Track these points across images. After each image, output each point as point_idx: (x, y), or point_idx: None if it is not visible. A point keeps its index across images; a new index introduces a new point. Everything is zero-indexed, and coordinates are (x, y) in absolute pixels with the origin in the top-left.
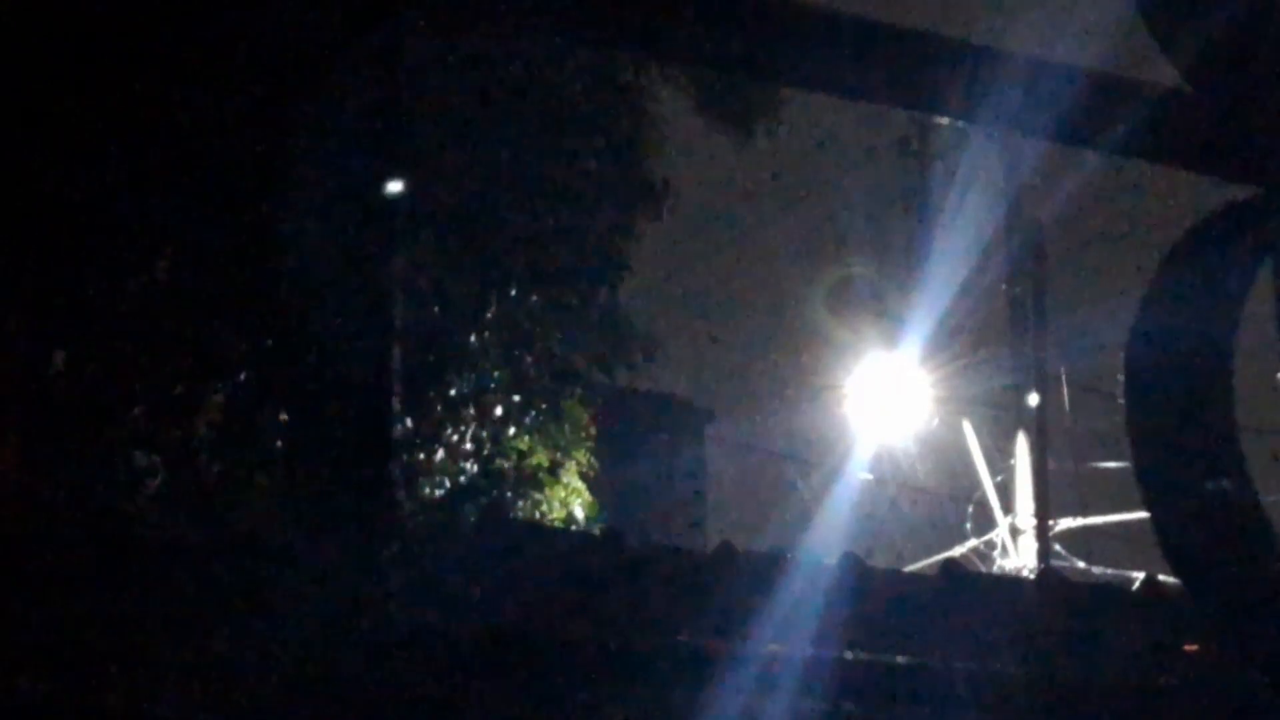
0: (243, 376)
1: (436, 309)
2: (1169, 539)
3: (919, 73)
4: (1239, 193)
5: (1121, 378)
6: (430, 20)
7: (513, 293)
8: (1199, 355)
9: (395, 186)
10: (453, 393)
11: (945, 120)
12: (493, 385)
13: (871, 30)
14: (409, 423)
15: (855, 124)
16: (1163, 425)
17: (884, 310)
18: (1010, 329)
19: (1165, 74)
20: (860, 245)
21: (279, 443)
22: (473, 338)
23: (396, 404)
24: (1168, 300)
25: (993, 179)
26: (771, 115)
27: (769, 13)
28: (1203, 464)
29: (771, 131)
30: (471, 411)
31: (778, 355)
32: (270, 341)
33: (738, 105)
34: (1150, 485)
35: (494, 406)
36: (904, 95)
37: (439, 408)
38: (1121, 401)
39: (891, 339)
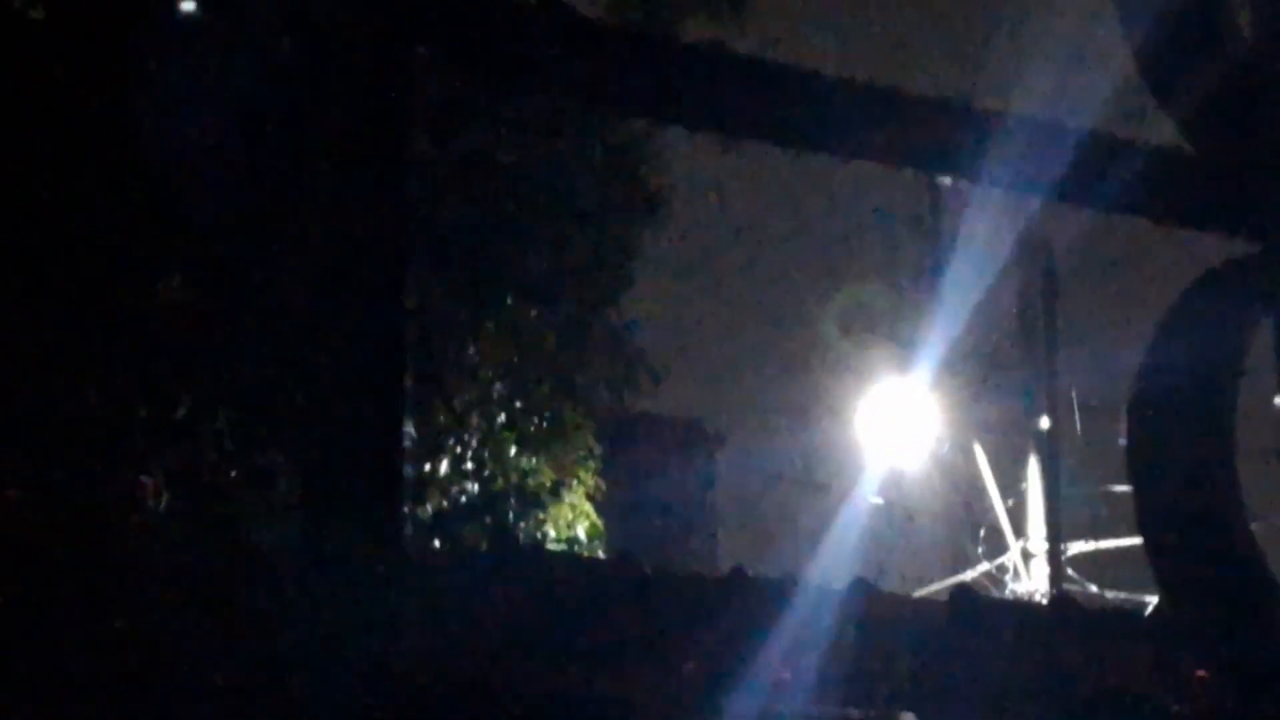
0: (246, 398)
1: (435, 319)
2: (1163, 570)
3: (926, 136)
4: (1241, 245)
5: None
6: (439, 67)
7: (508, 301)
8: (1201, 403)
9: (400, 204)
10: (455, 404)
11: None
12: (494, 396)
13: (879, 95)
14: (412, 430)
15: None
16: (1164, 466)
17: (896, 334)
18: (1022, 352)
19: (1166, 131)
20: (873, 268)
21: (283, 463)
22: (471, 349)
23: (408, 430)
24: (1171, 351)
25: (1005, 202)
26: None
27: (777, 79)
28: (1202, 508)
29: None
30: (474, 420)
31: (789, 378)
32: (275, 363)
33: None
34: (1148, 523)
35: (495, 416)
36: (911, 157)
37: (441, 417)
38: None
39: (903, 363)
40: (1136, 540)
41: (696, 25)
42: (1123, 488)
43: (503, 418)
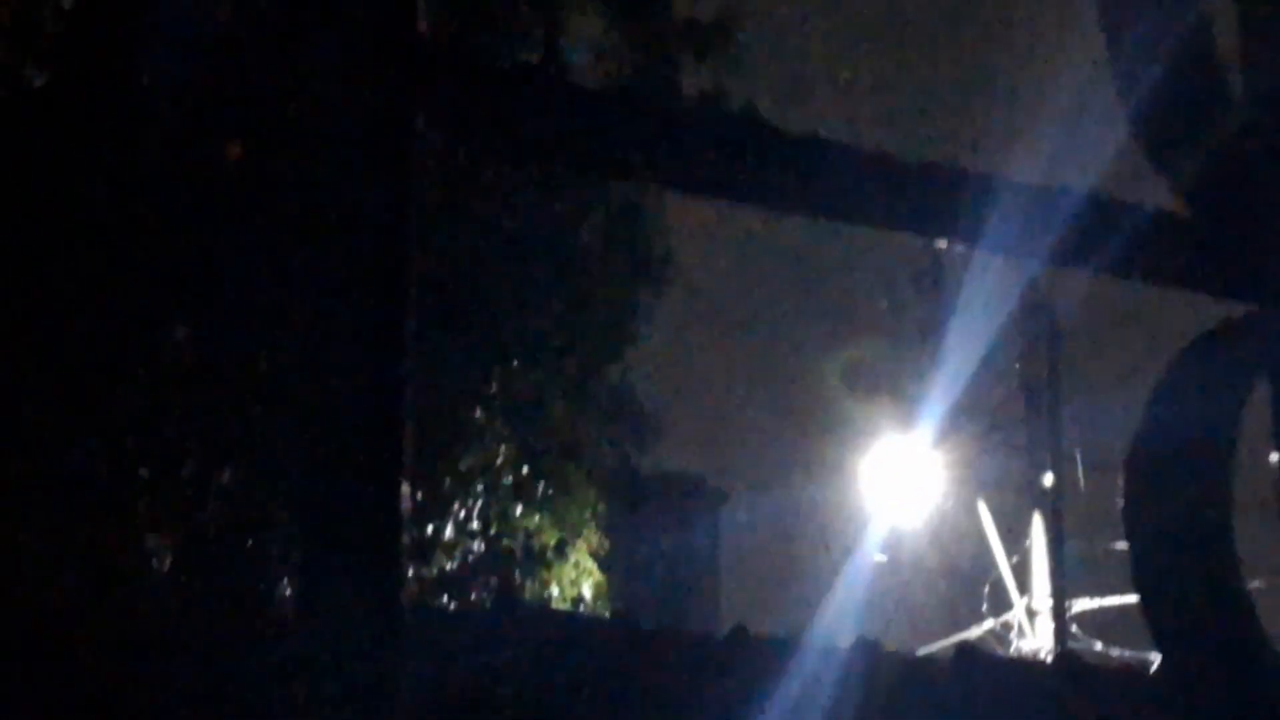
0: (251, 457)
1: (440, 383)
2: (1159, 629)
3: (924, 202)
4: (1236, 307)
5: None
6: (440, 134)
7: (515, 364)
8: (1197, 463)
9: (401, 267)
10: (461, 466)
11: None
12: (499, 460)
13: (876, 160)
14: (418, 495)
15: None
16: (1160, 525)
17: (899, 391)
18: (1025, 410)
19: (1161, 193)
20: (875, 325)
21: (287, 522)
22: (478, 412)
23: (406, 489)
24: (1168, 411)
25: (1007, 260)
26: None
27: (775, 145)
28: (1198, 567)
29: None
30: (479, 486)
31: (792, 435)
32: (277, 422)
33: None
34: (1144, 582)
35: (501, 480)
36: (909, 223)
37: (447, 481)
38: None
39: (906, 420)
40: None
41: (692, 77)
42: (1127, 544)
43: (509, 480)
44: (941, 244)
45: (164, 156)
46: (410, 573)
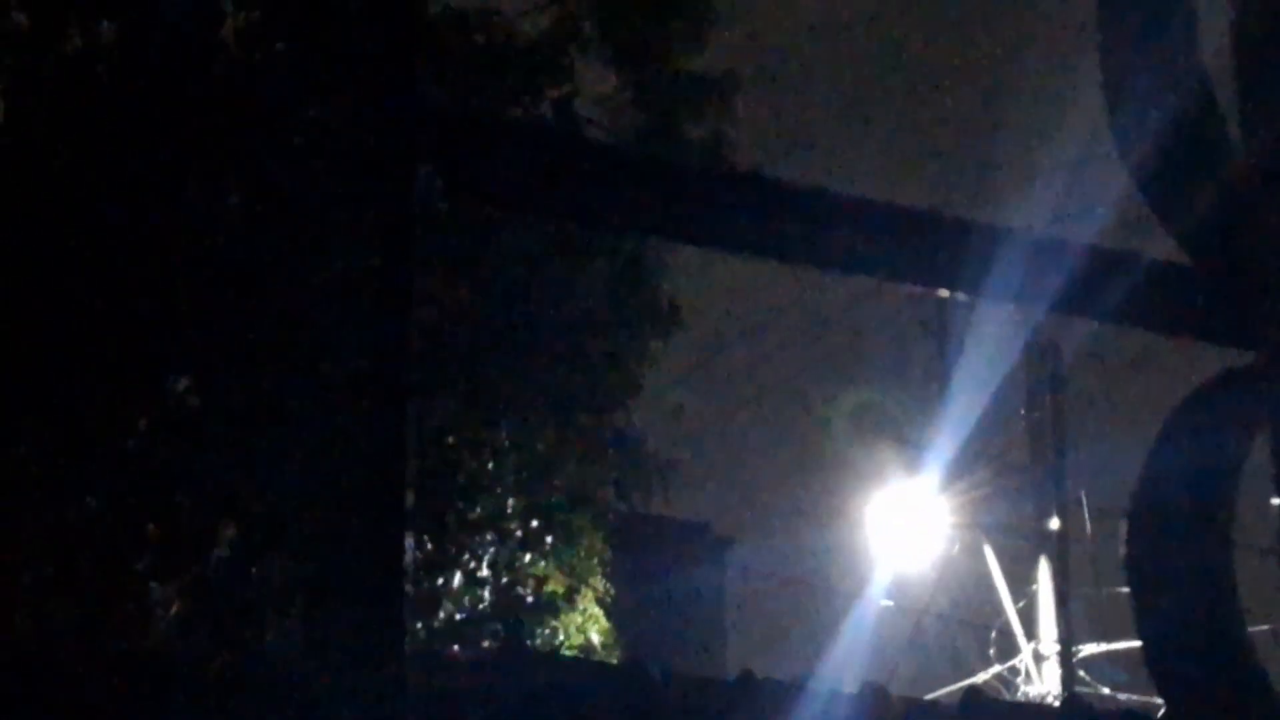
0: (254, 509)
1: (449, 437)
2: (1161, 676)
3: (928, 252)
4: (1238, 355)
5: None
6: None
7: (526, 419)
8: (1199, 509)
9: (404, 319)
10: (470, 516)
11: (949, 294)
12: (509, 511)
13: (879, 212)
14: (428, 545)
15: None
16: (1163, 572)
17: (904, 436)
18: (1030, 455)
19: (1166, 242)
20: (881, 371)
21: (291, 573)
22: (488, 463)
23: (409, 542)
24: (1170, 458)
25: (1012, 306)
26: None
27: (779, 197)
28: (1200, 613)
29: None
30: (489, 536)
31: (797, 480)
32: (280, 476)
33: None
34: (1146, 628)
35: (511, 532)
36: (912, 274)
37: (456, 532)
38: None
39: (912, 465)
40: None
41: (694, 128)
42: None
43: (518, 532)
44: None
45: (163, 206)
46: (420, 623)
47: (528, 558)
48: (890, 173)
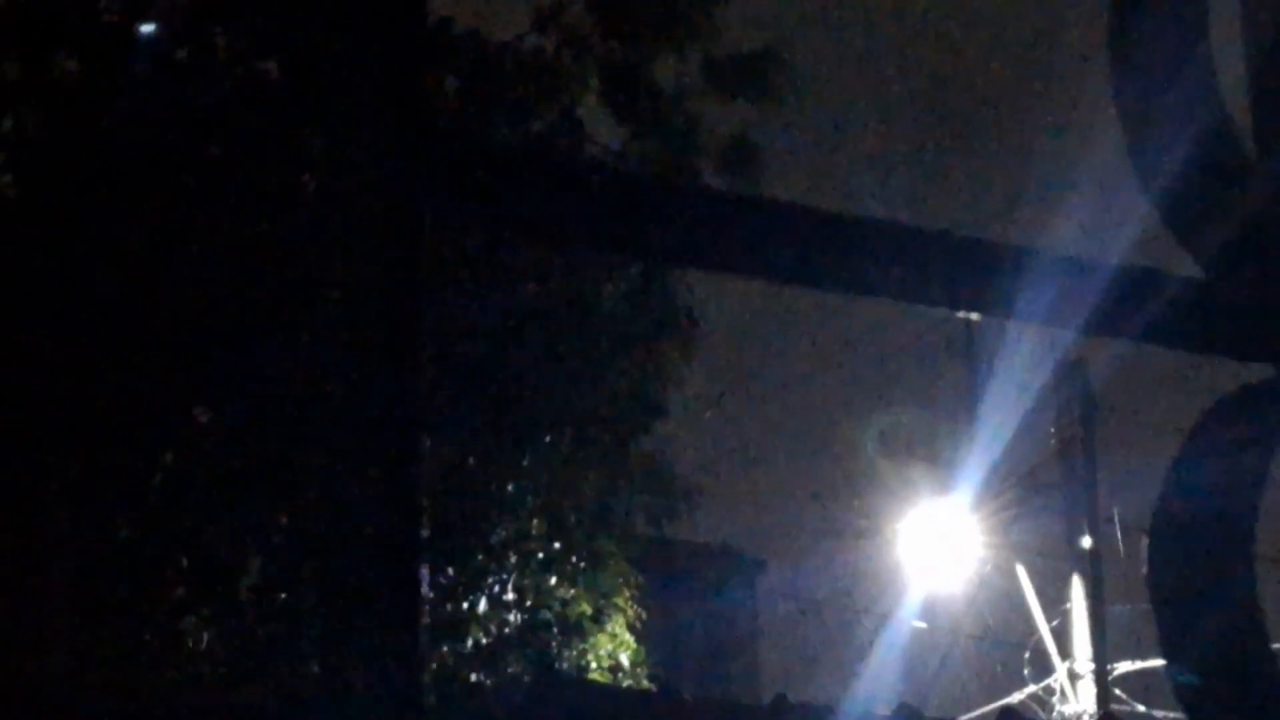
0: (279, 539)
1: (471, 459)
2: (1184, 694)
3: (959, 276)
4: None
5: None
6: (455, 215)
7: (547, 439)
8: (1221, 526)
9: (416, 357)
10: (492, 540)
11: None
12: (531, 532)
13: (911, 236)
14: (450, 570)
15: None
16: (1184, 589)
17: (935, 456)
18: (1062, 472)
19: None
20: (911, 390)
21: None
22: (510, 485)
23: (425, 572)
24: (1191, 474)
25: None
26: None
27: (805, 222)
28: (1222, 630)
29: None
30: (512, 559)
31: (828, 502)
32: (304, 507)
33: None
34: (1169, 645)
35: (535, 554)
36: (943, 298)
37: (479, 556)
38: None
39: (943, 485)
40: None
41: (714, 173)
42: None
43: (540, 554)
44: (977, 316)
45: (182, 249)
46: (445, 648)
47: (553, 581)
48: (918, 191)
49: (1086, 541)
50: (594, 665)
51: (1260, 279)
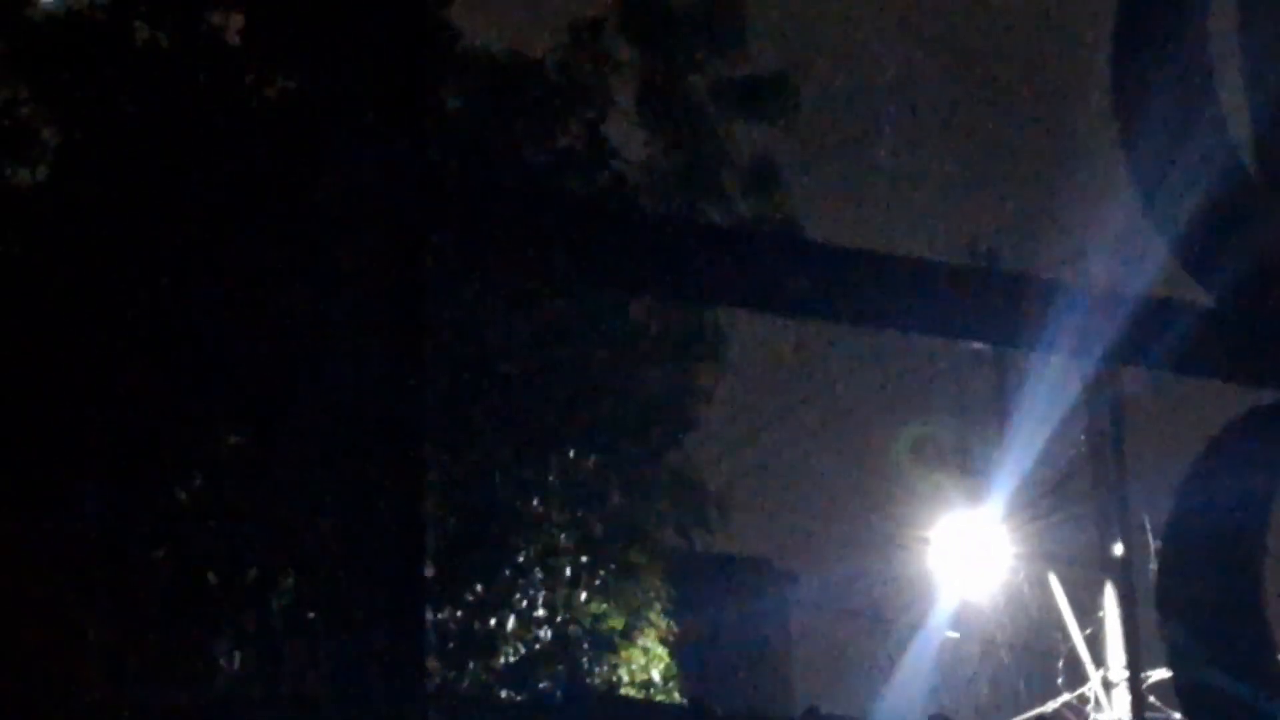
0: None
1: (497, 475)
2: (1190, 706)
3: (987, 310)
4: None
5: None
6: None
7: (571, 454)
8: (1230, 548)
9: (419, 388)
10: (520, 558)
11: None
12: (559, 548)
13: (927, 269)
14: (479, 588)
15: None
16: (1193, 609)
17: (966, 466)
18: (1093, 481)
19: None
20: (942, 400)
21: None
22: (536, 501)
23: (429, 603)
24: (1198, 496)
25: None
26: None
27: (827, 260)
28: (1230, 642)
29: None
30: (540, 575)
31: (859, 512)
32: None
33: None
34: (1175, 658)
35: (563, 569)
36: (972, 331)
37: (508, 572)
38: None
39: (974, 494)
40: None
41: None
42: None
43: (567, 569)
44: (1000, 347)
45: (204, 272)
46: (475, 665)
47: (583, 596)
48: (945, 220)
49: (1119, 549)
50: (625, 680)
51: (1268, 307)
